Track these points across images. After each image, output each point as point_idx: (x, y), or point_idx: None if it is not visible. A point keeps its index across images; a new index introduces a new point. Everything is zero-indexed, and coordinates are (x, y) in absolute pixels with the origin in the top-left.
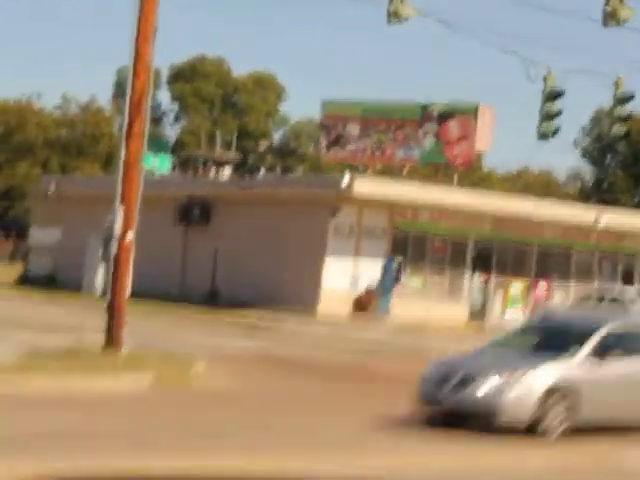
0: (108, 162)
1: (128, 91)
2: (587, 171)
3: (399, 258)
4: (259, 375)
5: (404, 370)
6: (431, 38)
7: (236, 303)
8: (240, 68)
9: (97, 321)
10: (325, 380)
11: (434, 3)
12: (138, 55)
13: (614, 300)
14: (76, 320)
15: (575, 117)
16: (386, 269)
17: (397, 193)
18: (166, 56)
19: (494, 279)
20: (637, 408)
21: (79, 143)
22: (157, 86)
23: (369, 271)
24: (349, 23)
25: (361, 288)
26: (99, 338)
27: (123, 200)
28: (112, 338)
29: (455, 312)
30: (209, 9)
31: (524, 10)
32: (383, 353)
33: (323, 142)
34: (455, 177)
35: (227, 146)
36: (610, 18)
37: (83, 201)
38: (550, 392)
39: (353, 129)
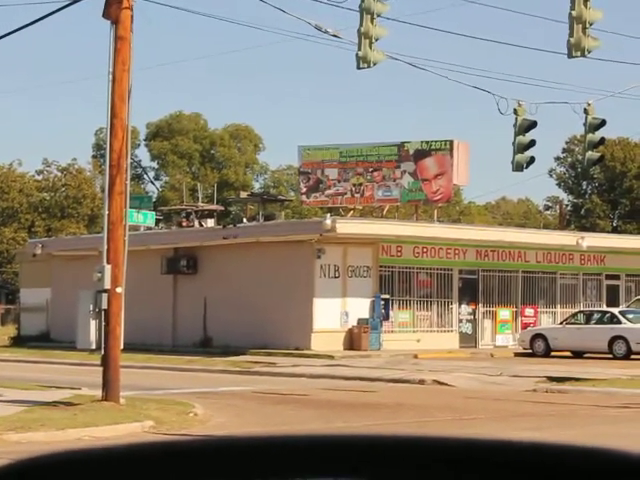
0: (92, 222)
1: (107, 151)
2: (564, 198)
3: (385, 295)
4: (257, 414)
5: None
6: (402, 78)
7: (229, 349)
8: (216, 122)
9: (94, 375)
10: (321, 413)
11: (404, 44)
12: (115, 115)
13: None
14: (73, 375)
15: (550, 146)
16: (374, 306)
17: (379, 232)
18: (143, 115)
19: (481, 308)
20: None
21: (62, 205)
22: (136, 145)
23: (357, 309)
24: (320, 67)
25: (351, 326)
26: (97, 391)
27: (109, 256)
28: (109, 389)
29: (446, 341)
30: (182, 65)
31: (491, 46)
32: (377, 385)
33: (303, 188)
34: (435, 212)
35: (209, 199)
36: (575, 49)
37: (70, 260)
38: None
39: (331, 173)
